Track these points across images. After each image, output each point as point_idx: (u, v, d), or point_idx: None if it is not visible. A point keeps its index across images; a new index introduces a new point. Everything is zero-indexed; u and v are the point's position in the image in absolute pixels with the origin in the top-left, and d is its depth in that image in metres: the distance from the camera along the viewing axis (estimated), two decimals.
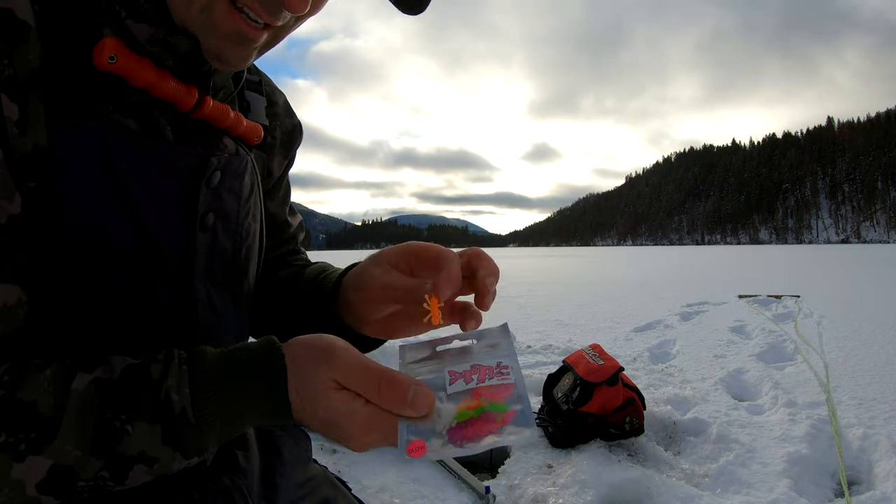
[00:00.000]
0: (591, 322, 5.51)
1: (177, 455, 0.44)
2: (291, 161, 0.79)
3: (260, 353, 0.46)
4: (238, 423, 0.45)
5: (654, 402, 2.49)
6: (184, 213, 0.54)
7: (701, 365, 3.53)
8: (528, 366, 3.52)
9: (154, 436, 0.43)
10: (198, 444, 0.44)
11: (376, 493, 1.73)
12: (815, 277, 10.94)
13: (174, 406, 0.43)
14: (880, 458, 1.98)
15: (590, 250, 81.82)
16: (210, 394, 0.44)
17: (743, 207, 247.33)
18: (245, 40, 0.50)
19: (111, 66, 0.46)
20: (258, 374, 0.45)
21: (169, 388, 0.43)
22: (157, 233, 0.51)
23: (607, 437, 2.06)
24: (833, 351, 3.72)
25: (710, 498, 1.71)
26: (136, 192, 0.49)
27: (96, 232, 0.47)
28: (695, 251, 50.95)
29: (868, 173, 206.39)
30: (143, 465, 0.43)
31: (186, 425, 0.43)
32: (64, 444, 0.41)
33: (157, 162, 0.50)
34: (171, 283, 0.53)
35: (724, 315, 5.65)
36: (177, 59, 0.50)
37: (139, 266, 0.50)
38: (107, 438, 0.42)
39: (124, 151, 0.48)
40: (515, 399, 0.42)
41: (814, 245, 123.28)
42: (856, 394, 2.69)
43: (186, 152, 0.53)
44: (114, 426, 0.42)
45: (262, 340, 0.47)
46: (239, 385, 0.44)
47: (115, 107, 0.49)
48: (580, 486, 1.76)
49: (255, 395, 0.44)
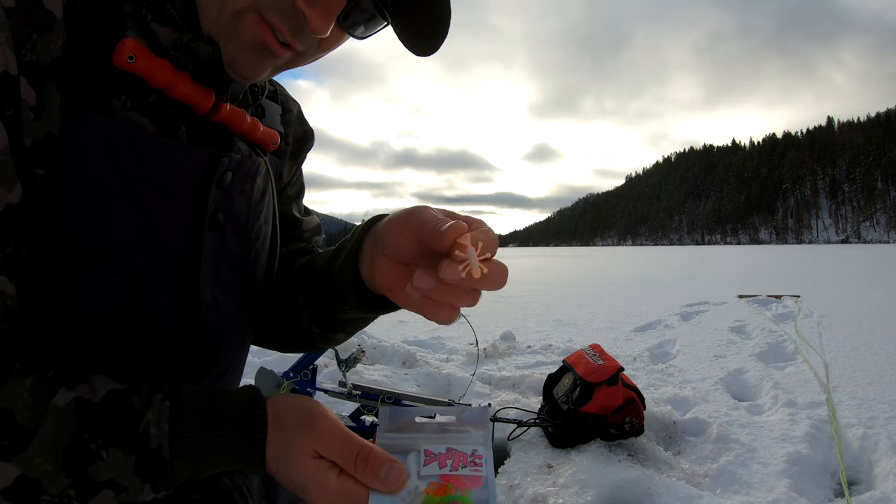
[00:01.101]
0: (591, 322, 5.51)
1: (146, 487, 0.44)
2: (301, 163, 0.79)
3: (243, 407, 0.46)
4: (209, 468, 0.46)
5: (654, 402, 2.49)
6: (193, 212, 0.53)
7: (701, 365, 3.53)
8: (529, 366, 3.52)
9: (127, 465, 0.43)
10: (168, 480, 0.44)
11: None
12: (815, 277, 10.94)
13: (151, 440, 0.43)
14: (880, 458, 1.98)
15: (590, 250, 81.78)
16: (189, 436, 0.44)
17: (743, 207, 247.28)
18: (265, 53, 0.50)
19: (130, 65, 0.47)
20: (240, 429, 0.45)
21: (149, 422, 0.43)
22: (161, 230, 0.50)
23: (607, 437, 2.06)
24: (833, 351, 3.72)
25: (710, 498, 1.70)
26: (141, 188, 0.49)
27: (97, 224, 0.47)
28: (695, 251, 50.94)
29: (868, 173, 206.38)
30: (111, 491, 0.43)
31: (160, 461, 0.43)
32: (34, 456, 0.40)
33: (166, 160, 0.50)
34: (174, 283, 0.52)
35: (724, 315, 5.65)
36: (197, 64, 0.51)
37: (140, 264, 0.49)
38: (79, 459, 0.42)
39: (132, 147, 0.48)
40: (483, 493, 0.44)
41: (814, 245, 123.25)
42: (856, 394, 2.69)
43: (196, 151, 0.53)
44: (89, 448, 0.42)
45: (246, 393, 0.47)
46: (219, 435, 0.45)
47: (133, 105, 0.49)
48: (580, 485, 1.75)
49: (233, 449, 0.45)
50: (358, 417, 2.22)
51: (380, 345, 3.60)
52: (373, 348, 3.51)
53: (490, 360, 3.68)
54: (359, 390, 2.27)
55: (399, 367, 3.31)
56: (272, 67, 0.53)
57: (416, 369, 3.24)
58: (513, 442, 2.18)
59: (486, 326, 5.07)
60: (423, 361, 3.40)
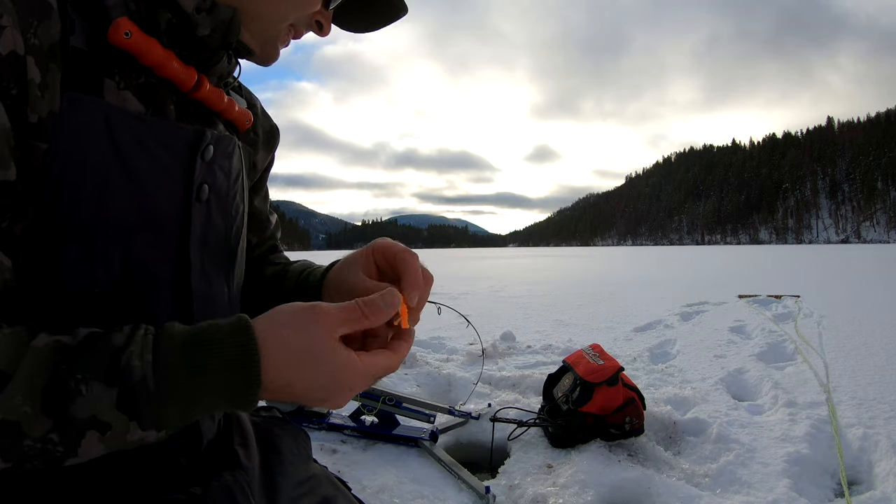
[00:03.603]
0: (591, 322, 5.51)
1: (132, 424, 0.42)
2: (272, 162, 0.84)
3: (230, 324, 0.45)
4: (200, 401, 0.43)
5: (654, 402, 2.49)
6: (181, 184, 0.56)
7: (701, 365, 3.53)
8: (529, 366, 3.53)
9: (108, 399, 0.41)
10: (155, 414, 0.42)
11: (376, 493, 1.73)
12: (815, 277, 10.94)
13: (134, 371, 0.41)
14: (880, 458, 1.98)
15: (590, 250, 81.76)
16: (175, 364, 0.42)
17: (743, 207, 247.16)
18: (283, 46, 0.64)
19: (126, 41, 0.50)
20: (230, 344, 0.43)
21: (131, 354, 0.42)
22: (155, 202, 0.53)
23: (607, 437, 2.06)
24: (833, 351, 3.72)
25: (710, 498, 1.70)
26: (135, 161, 0.52)
27: (95, 199, 0.49)
28: (695, 251, 50.92)
29: (868, 173, 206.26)
30: (96, 431, 0.41)
31: (145, 392, 0.41)
32: (14, 396, 0.39)
33: (156, 135, 0.53)
34: (167, 252, 0.55)
35: (724, 315, 5.64)
36: (214, 27, 0.56)
37: (136, 234, 0.52)
38: (59, 396, 0.40)
39: (126, 124, 0.51)
40: None
41: (814, 245, 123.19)
42: (856, 394, 2.69)
43: (183, 126, 0.56)
44: (68, 385, 0.40)
45: (233, 317, 0.46)
46: (208, 357, 0.43)
47: (125, 84, 0.52)
48: (580, 486, 1.75)
49: (225, 367, 0.43)
50: (358, 417, 2.23)
51: None
52: None
53: (490, 360, 3.68)
54: None
55: (399, 367, 3.31)
56: None
57: (416, 369, 3.24)
58: (513, 442, 2.18)
59: (486, 326, 5.07)
60: (423, 361, 3.40)
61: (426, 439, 2.09)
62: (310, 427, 2.19)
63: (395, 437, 2.13)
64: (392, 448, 2.10)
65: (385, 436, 2.14)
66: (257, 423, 0.79)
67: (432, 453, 2.03)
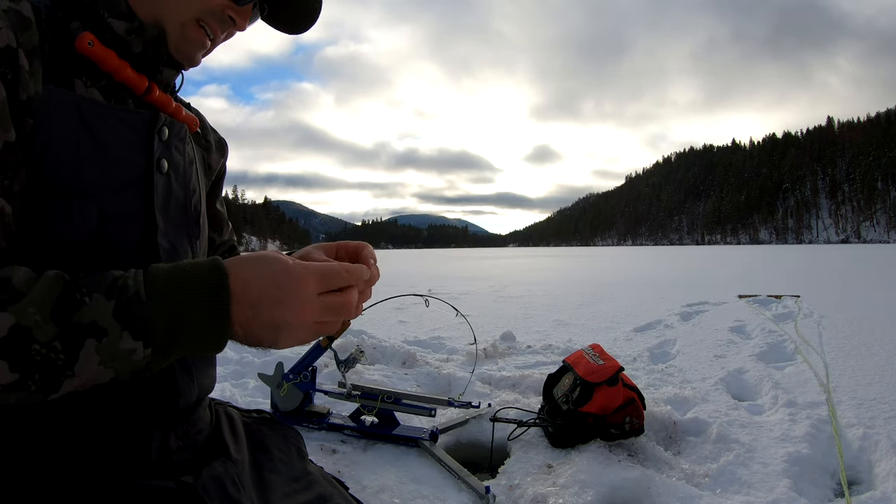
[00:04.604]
0: (591, 322, 5.51)
1: (125, 333, 0.49)
2: (224, 170, 0.94)
3: (207, 260, 0.54)
4: (182, 320, 0.51)
5: (654, 402, 2.48)
6: (142, 156, 0.66)
7: (701, 365, 3.53)
8: (529, 366, 3.52)
9: (108, 308, 0.49)
10: (143, 324, 0.50)
11: (376, 493, 1.73)
12: (815, 277, 10.94)
13: (129, 288, 0.50)
14: (880, 458, 1.97)
15: (590, 250, 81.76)
16: (161, 284, 0.51)
17: (743, 207, 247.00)
18: (201, 47, 0.70)
19: (89, 49, 0.61)
20: (205, 275, 0.52)
21: (126, 277, 0.51)
22: (121, 167, 0.63)
23: (607, 437, 2.06)
24: (833, 351, 3.72)
25: (710, 498, 1.70)
26: (103, 136, 0.62)
27: (72, 162, 0.59)
28: (695, 251, 50.92)
29: (868, 173, 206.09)
30: (94, 339, 0.48)
31: (138, 303, 0.50)
32: (28, 306, 0.47)
33: (118, 116, 0.64)
34: (134, 213, 0.64)
35: (724, 315, 5.64)
36: (145, 44, 0.66)
37: (107, 193, 0.61)
38: (66, 306, 0.48)
39: (93, 108, 0.62)
40: None
41: (814, 245, 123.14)
42: (856, 394, 2.69)
43: (141, 111, 0.67)
44: (74, 297, 0.49)
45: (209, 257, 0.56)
46: (188, 282, 0.52)
47: (91, 84, 0.63)
48: (580, 486, 1.75)
49: (202, 290, 0.51)
50: (358, 417, 2.22)
51: (380, 345, 3.60)
52: (373, 348, 3.51)
53: (490, 360, 3.68)
54: (358, 391, 2.27)
55: (399, 367, 3.31)
56: (201, 54, 0.72)
57: (415, 369, 3.24)
58: (513, 442, 2.18)
59: (486, 326, 5.07)
60: (423, 361, 3.39)
61: (426, 439, 2.09)
62: (310, 427, 2.19)
63: (395, 437, 2.13)
64: (392, 448, 2.10)
65: (385, 436, 2.14)
66: (248, 423, 0.85)
67: (432, 453, 2.03)
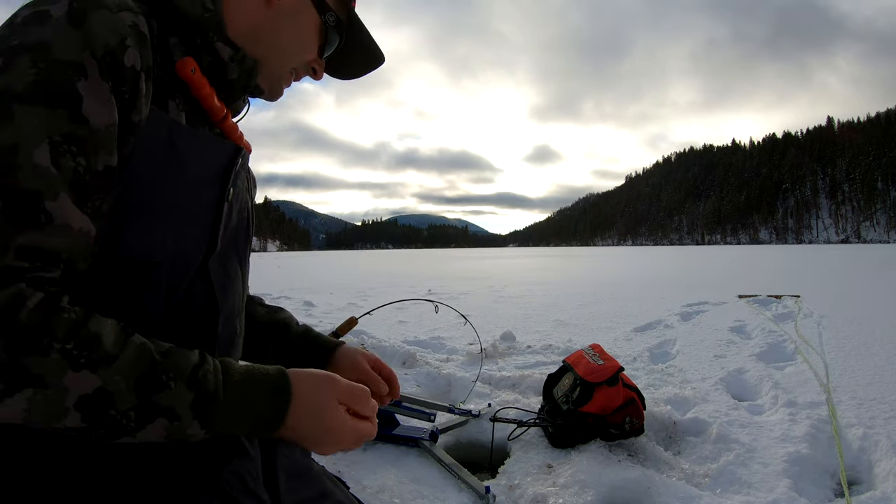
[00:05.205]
0: (591, 322, 5.51)
1: (194, 422, 0.55)
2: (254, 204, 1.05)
3: (276, 371, 0.62)
4: (243, 418, 0.58)
5: (654, 402, 2.48)
6: (219, 186, 0.69)
7: (701, 365, 3.53)
8: (529, 366, 3.52)
9: (187, 399, 0.54)
10: (213, 418, 0.56)
11: (376, 493, 1.73)
12: (815, 277, 10.93)
13: (209, 384, 0.56)
14: (880, 458, 1.97)
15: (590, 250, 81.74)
16: (237, 387, 0.58)
17: (743, 207, 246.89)
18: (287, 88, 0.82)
19: (190, 75, 0.66)
20: (271, 385, 0.61)
21: (206, 370, 0.56)
22: (199, 194, 0.67)
23: (607, 437, 2.06)
24: (833, 351, 3.72)
25: (710, 498, 1.70)
26: (187, 161, 0.64)
27: (156, 186, 0.61)
28: (695, 251, 50.92)
29: (868, 173, 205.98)
30: (165, 419, 0.53)
31: (216, 402, 0.56)
32: (117, 372, 0.50)
33: (204, 144, 0.68)
34: (202, 235, 0.68)
35: (724, 315, 5.64)
36: (240, 73, 0.73)
37: (183, 217, 0.64)
38: (150, 384, 0.52)
39: (183, 134, 0.65)
40: None
41: (814, 245, 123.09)
42: (856, 394, 2.69)
43: (225, 141, 0.72)
44: (160, 378, 0.53)
45: (276, 367, 0.63)
46: (257, 389, 0.59)
47: (181, 107, 0.67)
48: (580, 486, 1.75)
49: (266, 402, 0.59)
50: None
51: (380, 345, 3.60)
52: (373, 348, 3.51)
53: (490, 360, 3.68)
54: None
55: (399, 367, 3.31)
56: None
57: (416, 369, 3.24)
58: (513, 442, 2.18)
59: (486, 326, 5.07)
60: (423, 361, 3.39)
61: (426, 439, 2.09)
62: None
63: (395, 437, 2.13)
64: (392, 448, 2.10)
65: (385, 436, 2.14)
66: None
67: (432, 453, 2.03)
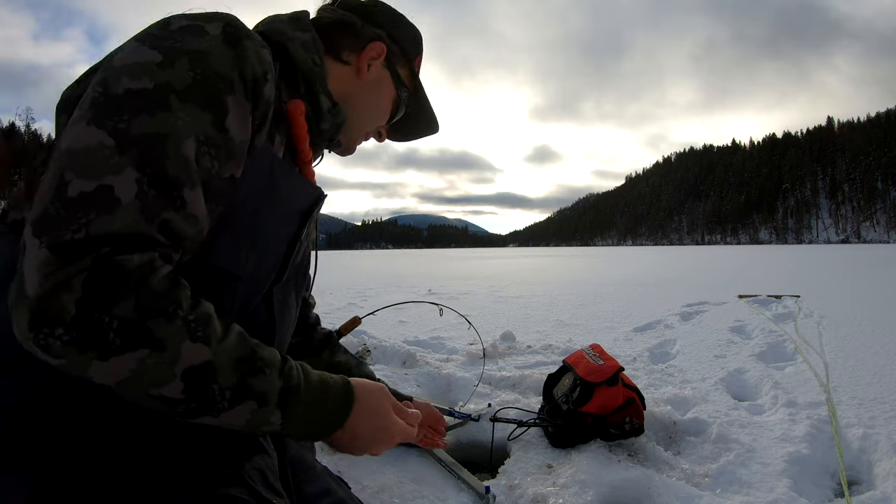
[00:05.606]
0: (591, 322, 5.51)
1: (277, 412, 0.60)
2: None
3: (342, 379, 0.69)
4: (314, 415, 0.64)
5: (654, 402, 2.48)
6: (298, 223, 0.77)
7: (701, 365, 3.53)
8: (529, 366, 3.52)
9: (276, 387, 0.59)
10: (292, 410, 0.61)
11: (376, 493, 1.73)
12: (815, 277, 10.93)
13: (294, 377, 0.62)
14: (880, 458, 1.97)
15: (590, 250, 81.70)
16: (314, 387, 0.65)
17: (743, 207, 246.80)
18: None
19: (298, 117, 0.73)
20: (339, 392, 0.68)
21: (291, 367, 0.63)
22: (283, 226, 0.74)
23: (607, 437, 2.06)
24: (833, 351, 3.72)
25: (710, 498, 1.70)
26: (281, 194, 0.71)
27: (252, 209, 0.67)
28: (695, 251, 50.91)
29: (868, 173, 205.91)
30: (255, 403, 0.57)
31: (298, 394, 0.62)
32: (224, 351, 0.55)
33: (298, 183, 0.75)
34: (275, 264, 0.74)
35: (724, 315, 5.64)
36: (332, 125, 0.81)
37: (266, 244, 0.70)
38: (249, 367, 0.57)
39: (282, 168, 0.71)
40: None
41: (814, 245, 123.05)
42: (856, 394, 2.69)
43: (314, 185, 0.81)
44: (258, 364, 0.58)
45: (340, 376, 0.71)
46: (328, 393, 0.66)
47: (282, 144, 0.74)
48: (580, 486, 1.75)
49: (335, 406, 0.67)
50: None
51: (380, 345, 3.60)
52: (373, 348, 3.51)
53: (490, 360, 3.68)
54: None
55: (399, 366, 3.31)
56: None
57: (416, 369, 3.24)
58: (513, 442, 2.18)
59: (486, 326, 5.07)
60: (424, 361, 3.39)
61: None
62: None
63: None
64: (392, 448, 2.10)
65: None
66: None
67: (432, 453, 2.03)
